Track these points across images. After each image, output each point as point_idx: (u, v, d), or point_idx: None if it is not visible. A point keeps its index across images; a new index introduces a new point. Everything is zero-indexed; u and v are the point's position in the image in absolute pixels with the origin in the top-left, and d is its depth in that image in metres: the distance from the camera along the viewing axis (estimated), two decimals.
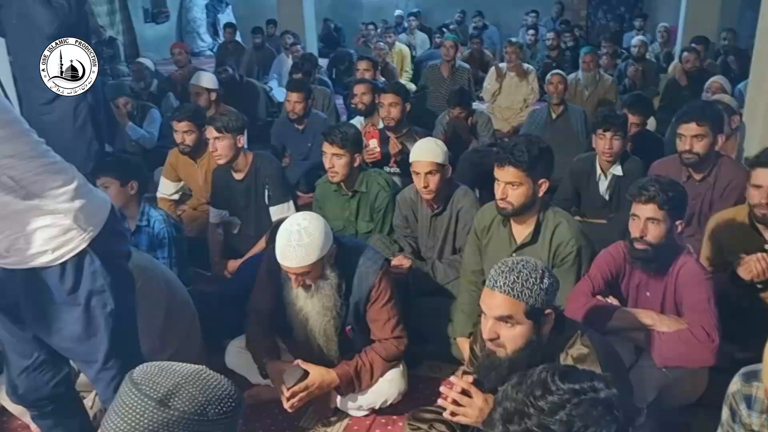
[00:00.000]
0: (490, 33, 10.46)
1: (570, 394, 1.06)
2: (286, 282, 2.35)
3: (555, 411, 1.05)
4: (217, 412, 1.04)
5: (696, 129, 3.01)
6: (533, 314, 1.71)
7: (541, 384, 1.10)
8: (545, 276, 1.72)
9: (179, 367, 1.07)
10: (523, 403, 1.08)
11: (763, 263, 2.47)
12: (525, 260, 1.76)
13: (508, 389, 1.13)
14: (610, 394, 1.07)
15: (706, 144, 3.02)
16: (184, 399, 1.02)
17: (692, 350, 2.13)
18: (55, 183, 1.66)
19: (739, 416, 1.72)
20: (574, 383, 1.09)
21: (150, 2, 11.89)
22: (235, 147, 3.41)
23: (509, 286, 1.69)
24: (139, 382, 1.04)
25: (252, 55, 8.35)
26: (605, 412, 1.04)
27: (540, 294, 1.69)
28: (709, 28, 7.32)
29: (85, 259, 1.71)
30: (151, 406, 1.01)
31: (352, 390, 2.42)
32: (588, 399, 1.05)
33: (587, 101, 5.95)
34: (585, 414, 1.04)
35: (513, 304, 1.69)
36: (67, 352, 1.86)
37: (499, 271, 1.73)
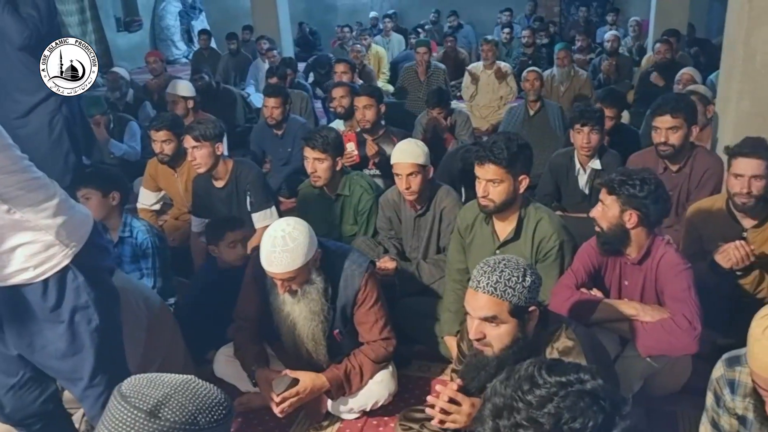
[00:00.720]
0: (466, 32, 10.52)
1: (557, 387, 1.08)
2: (272, 288, 2.35)
3: (543, 404, 1.06)
4: (207, 421, 1.05)
5: (671, 121, 3.06)
6: (517, 313, 1.73)
7: (529, 378, 1.11)
8: (527, 274, 1.73)
9: (168, 377, 1.07)
10: (512, 397, 1.09)
11: (741, 250, 2.51)
12: (507, 259, 1.77)
13: (497, 385, 1.15)
14: (596, 385, 1.09)
15: (681, 135, 3.07)
16: (174, 409, 1.02)
17: (675, 339, 2.17)
18: (37, 198, 1.65)
19: (723, 401, 1.75)
20: (561, 376, 1.10)
21: (122, 11, 11.78)
22: (214, 155, 3.40)
23: (492, 286, 1.71)
24: (128, 395, 1.03)
25: (228, 61, 8.31)
26: (592, 403, 1.05)
27: (523, 292, 1.71)
28: (680, 21, 7.42)
29: (67, 275, 1.70)
30: (141, 418, 1.01)
31: (343, 393, 2.42)
32: (575, 391, 1.07)
33: (563, 97, 6.02)
34: (572, 406, 1.05)
35: (497, 304, 1.71)
36: (52, 371, 1.85)
37: (481, 271, 1.75)
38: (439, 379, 2.74)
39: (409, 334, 2.84)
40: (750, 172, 2.51)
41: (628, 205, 2.25)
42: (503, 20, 10.12)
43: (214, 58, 8.61)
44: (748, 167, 2.51)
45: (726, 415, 1.76)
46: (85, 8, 10.29)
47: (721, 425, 1.78)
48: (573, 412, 1.05)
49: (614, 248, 2.35)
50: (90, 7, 10.31)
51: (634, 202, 2.24)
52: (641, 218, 2.25)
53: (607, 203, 2.30)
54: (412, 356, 2.86)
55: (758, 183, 2.53)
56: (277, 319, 2.41)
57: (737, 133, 2.79)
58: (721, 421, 1.78)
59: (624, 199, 2.25)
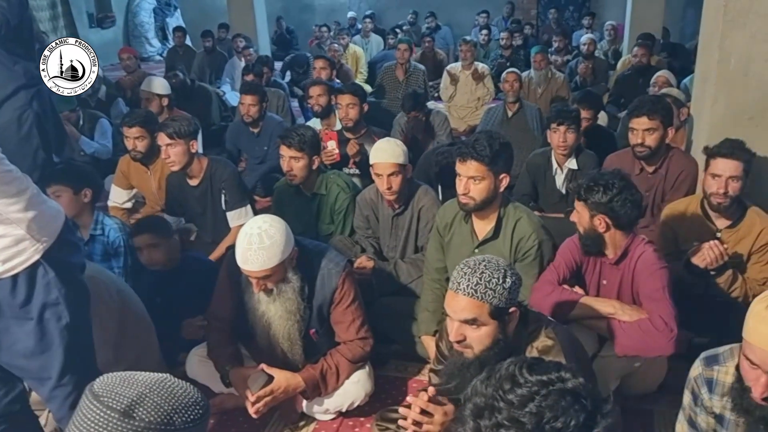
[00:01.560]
0: (443, 33, 10.54)
1: (538, 386, 1.07)
2: (247, 287, 2.31)
3: (524, 403, 1.05)
4: (183, 421, 1.01)
5: (647, 123, 3.08)
6: (498, 314, 1.71)
7: (510, 377, 1.10)
8: (508, 275, 1.72)
9: (142, 376, 1.04)
10: (493, 397, 1.08)
11: (716, 250, 2.54)
12: (487, 260, 1.75)
13: (477, 384, 1.13)
14: (577, 384, 1.08)
15: (657, 137, 3.10)
16: (149, 409, 0.99)
17: (651, 340, 2.18)
18: (8, 192, 1.60)
19: (701, 399, 1.76)
20: (542, 375, 1.09)
21: (95, 7, 11.58)
22: (189, 153, 3.34)
23: (472, 288, 1.69)
24: (100, 394, 0.99)
25: (203, 59, 8.21)
26: (573, 402, 1.04)
27: (503, 294, 1.70)
28: (655, 25, 7.53)
29: (38, 271, 1.65)
30: (114, 418, 0.97)
31: (319, 394, 2.39)
32: (556, 390, 1.06)
33: (540, 99, 6.05)
34: (554, 405, 1.04)
35: (477, 306, 1.69)
36: (18, 370, 1.78)
37: (461, 273, 1.73)
38: (416, 379, 2.72)
39: (386, 333, 2.82)
40: (728, 172, 2.54)
41: (595, 210, 2.28)
42: (480, 22, 10.17)
43: (189, 56, 8.50)
44: (727, 168, 2.54)
45: (703, 413, 1.77)
46: (57, 3, 10.10)
47: (698, 423, 1.79)
48: (554, 411, 1.04)
49: (594, 250, 2.37)
50: (62, 2, 10.12)
51: (600, 208, 2.27)
52: (610, 222, 2.28)
53: (578, 209, 2.34)
54: (389, 356, 2.84)
55: (735, 184, 2.56)
56: (252, 318, 2.36)
57: (712, 136, 2.81)
58: (698, 420, 1.79)
59: (591, 205, 2.28)
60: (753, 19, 2.65)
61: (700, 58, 3.08)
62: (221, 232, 3.49)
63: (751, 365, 1.53)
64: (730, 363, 1.70)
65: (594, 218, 2.29)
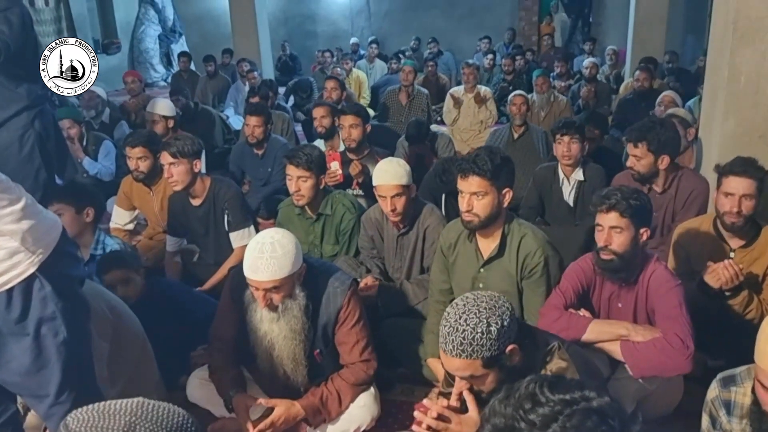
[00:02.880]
0: (445, 59, 10.61)
1: (561, 405, 1.00)
2: (250, 305, 2.25)
3: (547, 424, 0.98)
4: None
5: (632, 149, 3.11)
6: (492, 363, 1.65)
7: (530, 396, 1.04)
8: (492, 322, 1.62)
9: (118, 405, 0.95)
10: (513, 417, 1.02)
11: (730, 270, 2.47)
12: (467, 311, 1.64)
13: (495, 404, 1.07)
14: (603, 403, 1.02)
15: (646, 164, 3.09)
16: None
17: (667, 359, 2.11)
18: (2, 202, 1.55)
19: (719, 423, 1.69)
20: (565, 393, 1.03)
21: (101, 33, 11.69)
22: (192, 172, 3.30)
23: (459, 349, 1.62)
24: (104, 414, 0.92)
25: (206, 83, 8.25)
26: (600, 422, 0.98)
27: (492, 343, 1.61)
28: (656, 50, 7.57)
29: (34, 285, 1.60)
30: None
31: (323, 420, 2.32)
32: (581, 409, 1.00)
33: (543, 122, 6.04)
34: (579, 425, 0.97)
35: (468, 364, 1.63)
36: (15, 387, 1.72)
37: (445, 332, 1.66)
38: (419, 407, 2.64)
39: (392, 356, 2.74)
40: (741, 191, 2.49)
41: (640, 224, 2.24)
42: (482, 48, 10.24)
43: (194, 81, 8.55)
44: (740, 186, 2.49)
45: None
46: (63, 29, 10.17)
47: None
48: (580, 430, 0.98)
49: (629, 275, 2.28)
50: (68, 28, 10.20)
51: (643, 219, 2.24)
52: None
53: (622, 225, 2.22)
54: (395, 379, 2.76)
55: (748, 202, 2.51)
56: (254, 339, 2.30)
57: (722, 154, 2.78)
58: None
59: (635, 220, 2.22)
60: (763, 36, 2.64)
61: (709, 76, 3.06)
62: (224, 253, 3.44)
63: (765, 389, 1.47)
64: (747, 383, 1.64)
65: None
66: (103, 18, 11.91)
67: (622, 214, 2.17)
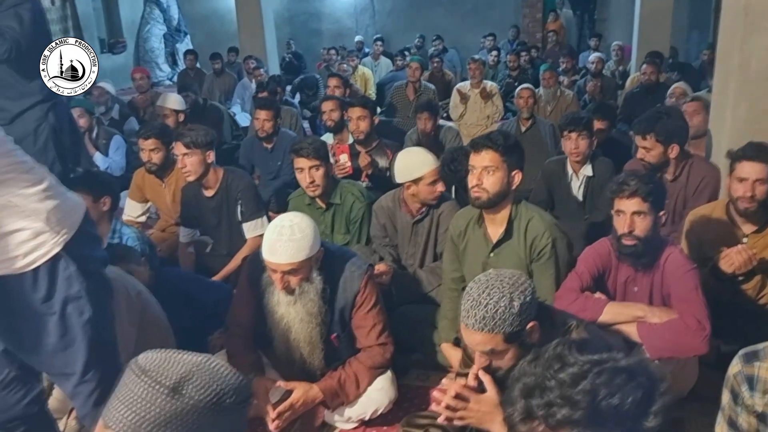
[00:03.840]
0: (450, 56, 10.62)
1: (590, 365, 1.03)
2: (267, 288, 2.27)
3: (577, 382, 1.01)
4: (232, 402, 0.97)
5: (641, 141, 3.10)
6: (514, 338, 1.66)
7: (558, 357, 1.06)
8: (515, 298, 1.63)
9: (185, 355, 0.99)
10: (543, 376, 1.04)
11: (744, 255, 2.49)
12: (490, 286, 1.66)
13: (524, 366, 1.09)
14: (632, 362, 1.04)
15: (656, 155, 3.09)
16: (198, 387, 0.94)
17: (684, 339, 2.12)
18: (26, 183, 1.57)
19: (741, 398, 1.69)
20: (593, 354, 1.05)
21: (106, 32, 11.73)
22: (205, 163, 3.33)
23: (481, 323, 1.63)
24: (148, 369, 0.95)
25: (212, 81, 8.28)
26: (629, 379, 1.00)
27: (514, 319, 1.63)
28: (662, 45, 7.57)
29: (59, 264, 1.61)
30: (163, 394, 0.92)
31: (341, 403, 2.34)
32: (609, 368, 1.02)
33: (550, 116, 6.04)
34: (608, 382, 1.00)
35: (490, 338, 1.64)
36: (42, 366, 1.74)
37: (467, 306, 1.67)
38: (439, 388, 2.65)
39: (406, 342, 2.76)
40: (754, 175, 2.50)
41: (659, 207, 2.26)
42: (487, 45, 10.25)
43: (200, 78, 8.57)
44: (753, 171, 2.50)
45: (744, 413, 1.70)
46: (69, 29, 10.21)
47: (739, 424, 1.72)
48: (610, 387, 0.99)
49: (651, 259, 2.30)
50: (74, 28, 10.24)
51: (661, 202, 2.27)
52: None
53: (644, 210, 2.24)
54: (410, 366, 2.78)
55: (761, 187, 2.51)
56: (270, 322, 2.31)
57: (734, 140, 2.79)
58: (739, 420, 1.72)
59: (655, 203, 2.23)
60: None
61: (719, 64, 3.07)
62: (237, 243, 3.46)
63: None
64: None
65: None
66: (108, 17, 11.94)
67: (644, 198, 2.19)
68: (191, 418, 0.92)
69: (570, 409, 0.99)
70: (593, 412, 0.97)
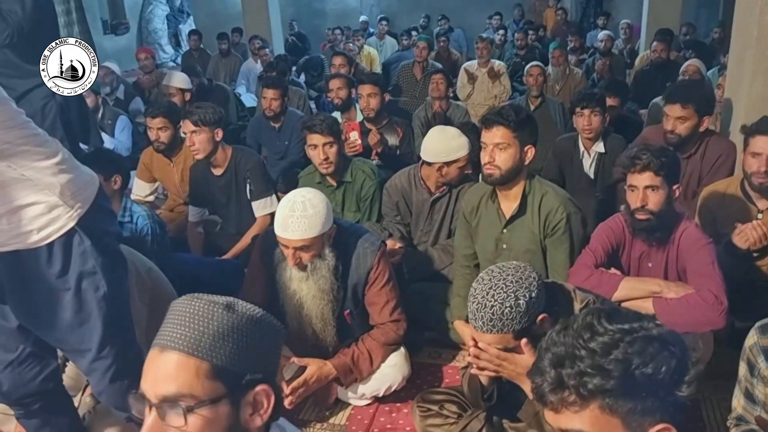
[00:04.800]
0: (456, 35, 10.51)
1: (621, 333, 1.01)
2: (279, 263, 2.26)
3: (608, 351, 0.99)
4: (269, 323, 1.08)
5: (680, 111, 2.99)
6: (523, 334, 1.66)
7: (588, 327, 1.04)
8: (520, 297, 1.61)
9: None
10: (573, 346, 1.02)
11: (759, 230, 2.46)
12: (494, 287, 1.63)
13: (553, 336, 1.07)
14: (663, 331, 1.02)
15: (690, 126, 3.00)
16: (245, 306, 1.05)
17: (701, 314, 2.10)
18: (39, 156, 1.55)
19: (757, 369, 1.68)
20: (623, 323, 1.03)
21: (109, 14, 11.63)
22: (213, 141, 3.30)
23: (489, 325, 1.63)
24: (199, 296, 1.04)
25: (218, 62, 8.21)
26: (662, 348, 0.98)
27: (522, 317, 1.62)
28: (671, 23, 7.46)
29: (73, 239, 1.60)
30: (219, 309, 1.01)
31: (354, 380, 2.34)
32: (641, 336, 1.00)
33: (558, 95, 5.98)
34: (641, 351, 0.97)
35: (500, 338, 1.65)
36: (58, 342, 1.73)
37: (474, 308, 1.66)
38: (451, 365, 2.66)
39: (419, 319, 2.75)
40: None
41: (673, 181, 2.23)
42: (494, 24, 10.14)
43: (204, 59, 8.49)
44: (767, 145, 2.47)
45: (761, 384, 1.69)
46: (72, 10, 10.10)
47: (755, 396, 1.71)
48: (642, 356, 0.97)
49: (665, 234, 2.26)
50: (77, 9, 10.14)
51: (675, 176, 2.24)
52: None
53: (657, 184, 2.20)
54: (423, 343, 2.78)
55: None
56: (283, 297, 2.31)
57: (750, 115, 2.75)
58: (755, 392, 1.71)
59: (669, 177, 2.20)
60: None
61: (736, 37, 3.01)
62: (246, 222, 3.44)
63: None
64: None
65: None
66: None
67: (656, 172, 2.15)
68: (246, 333, 1.01)
69: (602, 379, 0.97)
70: (626, 381, 0.95)
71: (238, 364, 1.00)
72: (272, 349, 1.08)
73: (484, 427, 1.93)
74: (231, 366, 0.99)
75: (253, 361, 1.03)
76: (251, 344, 1.02)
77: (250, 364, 1.02)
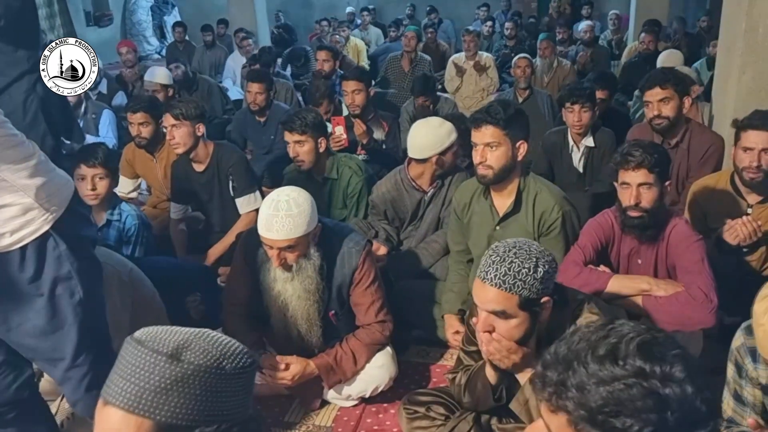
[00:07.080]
0: (445, 26, 10.47)
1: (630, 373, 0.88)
2: (263, 264, 2.21)
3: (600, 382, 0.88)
4: (233, 367, 0.94)
5: (661, 92, 2.99)
6: (528, 306, 1.59)
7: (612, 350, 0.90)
8: (540, 264, 1.58)
9: (181, 328, 0.96)
10: (580, 353, 0.91)
11: (749, 226, 2.44)
12: (518, 246, 1.61)
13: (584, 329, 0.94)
14: (677, 394, 0.87)
15: (674, 106, 3.00)
16: (197, 352, 0.92)
17: (691, 312, 2.08)
18: (15, 156, 1.50)
19: (745, 371, 1.66)
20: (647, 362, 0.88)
21: (92, 5, 11.45)
22: (194, 135, 3.23)
23: (500, 279, 1.56)
24: (144, 340, 0.92)
25: (203, 54, 8.10)
26: (654, 408, 0.86)
27: (534, 285, 1.57)
28: (660, 14, 7.45)
29: (48, 243, 1.54)
30: (162, 360, 0.90)
31: (338, 380, 2.30)
32: (644, 386, 0.87)
33: (547, 87, 5.95)
34: (628, 399, 0.86)
35: (505, 298, 1.57)
36: (30, 351, 1.67)
37: (489, 261, 1.59)
38: (439, 364, 2.62)
39: (406, 318, 2.71)
40: (761, 145, 2.44)
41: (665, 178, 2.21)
42: (481, 15, 10.09)
43: (189, 51, 8.39)
44: (759, 140, 2.44)
45: (749, 386, 1.67)
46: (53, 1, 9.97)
47: (744, 397, 1.69)
48: (621, 406, 0.86)
49: (657, 231, 2.23)
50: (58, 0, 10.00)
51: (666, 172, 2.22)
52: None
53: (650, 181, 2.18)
54: (410, 342, 2.74)
55: None
56: (267, 298, 2.26)
57: (739, 108, 2.73)
58: (744, 393, 1.69)
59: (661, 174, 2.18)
60: None
61: (724, 30, 2.99)
62: (229, 219, 3.38)
63: None
64: None
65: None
66: None
67: (650, 169, 2.13)
68: (193, 384, 0.90)
69: (577, 402, 0.88)
70: (596, 418, 0.87)
71: (185, 418, 0.90)
72: (236, 393, 0.94)
73: (473, 428, 1.90)
74: (177, 421, 0.89)
75: (207, 412, 0.91)
76: (202, 395, 0.90)
77: (202, 415, 0.91)
